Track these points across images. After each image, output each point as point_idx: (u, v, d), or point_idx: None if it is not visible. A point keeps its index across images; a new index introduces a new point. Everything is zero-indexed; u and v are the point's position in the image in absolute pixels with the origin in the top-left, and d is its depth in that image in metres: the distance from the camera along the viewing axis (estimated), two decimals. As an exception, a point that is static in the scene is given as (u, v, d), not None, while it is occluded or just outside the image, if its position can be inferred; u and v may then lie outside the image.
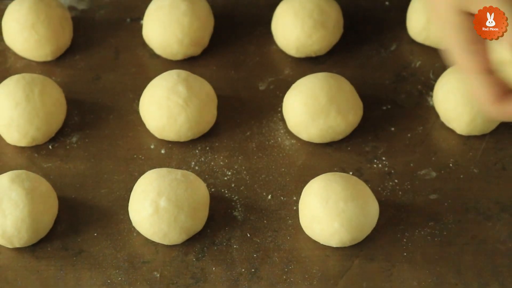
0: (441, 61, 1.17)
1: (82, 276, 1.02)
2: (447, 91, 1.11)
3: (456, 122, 1.11)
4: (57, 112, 1.11)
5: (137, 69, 1.19)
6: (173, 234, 1.02)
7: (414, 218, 1.06)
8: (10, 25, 1.17)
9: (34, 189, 1.03)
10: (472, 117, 1.10)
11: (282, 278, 1.02)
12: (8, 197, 1.02)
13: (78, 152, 1.12)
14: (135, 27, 1.22)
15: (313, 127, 1.10)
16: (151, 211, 1.02)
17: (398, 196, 1.08)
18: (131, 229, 1.05)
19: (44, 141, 1.12)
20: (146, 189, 1.03)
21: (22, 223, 1.01)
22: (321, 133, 1.10)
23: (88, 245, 1.04)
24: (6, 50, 1.20)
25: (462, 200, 1.08)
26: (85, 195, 1.08)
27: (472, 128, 1.11)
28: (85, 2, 1.24)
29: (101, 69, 1.19)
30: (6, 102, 1.09)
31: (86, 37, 1.21)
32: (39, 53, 1.18)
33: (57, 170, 1.10)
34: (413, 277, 1.02)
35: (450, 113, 1.11)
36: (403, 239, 1.05)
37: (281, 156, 1.11)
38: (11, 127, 1.09)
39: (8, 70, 1.18)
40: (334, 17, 1.17)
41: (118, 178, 1.09)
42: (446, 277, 1.02)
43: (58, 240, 1.05)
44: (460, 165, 1.10)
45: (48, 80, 1.12)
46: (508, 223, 1.06)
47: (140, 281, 1.02)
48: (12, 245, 1.03)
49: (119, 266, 1.03)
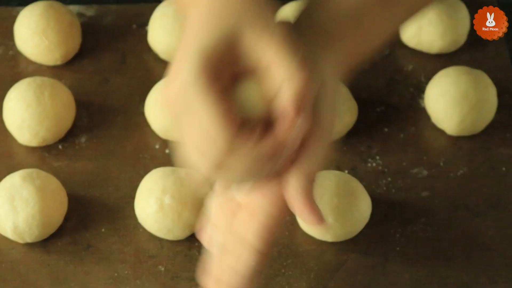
0: (432, 65, 1.18)
1: (90, 270, 1.02)
2: (438, 94, 1.11)
3: (446, 123, 1.12)
4: (66, 113, 1.12)
5: (143, 72, 1.19)
6: (177, 229, 1.03)
7: (407, 214, 1.07)
8: (21, 31, 1.17)
9: (44, 187, 1.03)
10: (461, 119, 1.10)
11: (280, 272, 1.02)
12: (20, 194, 1.02)
13: (87, 152, 1.12)
14: (141, 33, 1.23)
15: (310, 128, 1.10)
16: (156, 208, 1.02)
17: (391, 193, 1.08)
18: (137, 225, 1.06)
19: (54, 141, 1.12)
20: (151, 187, 1.04)
21: (33, 220, 1.02)
22: (318, 134, 1.10)
23: (96, 240, 1.05)
24: (18, 54, 1.20)
25: (452, 197, 1.08)
26: (93, 193, 1.08)
27: (462, 129, 1.11)
28: (93, 9, 1.25)
29: (108, 73, 1.19)
30: (18, 104, 1.10)
31: (94, 42, 1.22)
32: (49, 58, 1.18)
33: (67, 169, 1.10)
34: (406, 270, 1.02)
35: (441, 114, 1.11)
36: (396, 235, 1.05)
37: (280, 156, 1.11)
38: (23, 128, 1.10)
39: (20, 73, 1.18)
40: (330, 24, 1.18)
41: (124, 177, 1.10)
42: (437, 270, 1.02)
43: (67, 235, 1.05)
44: (450, 164, 1.11)
45: (58, 83, 1.13)
46: (496, 219, 1.06)
47: (146, 275, 1.02)
48: (24, 240, 1.03)
49: (125, 260, 1.03)
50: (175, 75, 0.78)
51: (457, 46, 1.19)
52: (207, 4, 0.80)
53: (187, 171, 0.80)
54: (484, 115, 1.11)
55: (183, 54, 0.78)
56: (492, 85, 1.12)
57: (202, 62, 0.76)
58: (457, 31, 1.18)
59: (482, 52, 1.20)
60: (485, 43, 1.20)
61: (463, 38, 1.19)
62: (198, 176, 0.80)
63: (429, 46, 1.18)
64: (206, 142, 0.77)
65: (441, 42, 1.18)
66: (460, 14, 1.18)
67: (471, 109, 1.10)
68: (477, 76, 1.12)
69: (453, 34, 1.17)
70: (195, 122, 0.77)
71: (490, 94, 1.11)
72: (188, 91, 0.76)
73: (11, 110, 1.10)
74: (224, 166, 0.77)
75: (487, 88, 1.11)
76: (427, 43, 1.18)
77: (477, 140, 1.13)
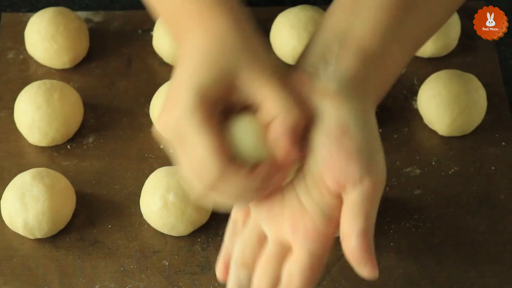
0: (424, 69, 1.19)
1: (97, 264, 1.03)
2: (430, 96, 1.12)
3: (438, 124, 1.12)
4: (74, 115, 1.12)
5: (148, 76, 1.20)
6: (181, 226, 1.04)
7: (400, 211, 1.07)
8: (31, 36, 1.18)
9: (53, 185, 1.04)
10: (452, 120, 1.11)
11: (279, 266, 1.03)
12: (30, 192, 1.03)
13: (94, 152, 1.12)
14: (146, 37, 1.23)
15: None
16: (160, 205, 1.03)
17: (385, 191, 1.04)
18: (142, 222, 1.06)
19: (63, 142, 1.13)
20: (156, 185, 1.04)
21: (43, 216, 1.03)
22: (315, 134, 1.11)
23: (103, 236, 1.05)
24: (28, 58, 1.21)
25: (443, 195, 1.08)
26: (101, 191, 1.09)
27: (453, 129, 1.12)
28: (101, 15, 1.25)
29: (115, 76, 1.19)
30: (28, 106, 1.10)
31: (101, 47, 1.22)
32: (58, 61, 1.19)
33: (75, 168, 1.11)
34: (399, 265, 1.03)
35: (433, 116, 1.12)
36: (390, 231, 1.05)
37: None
38: (33, 129, 1.11)
39: (30, 77, 1.19)
40: (327, 29, 1.18)
41: (130, 175, 1.10)
42: (429, 265, 1.03)
43: (75, 231, 1.06)
44: (442, 163, 1.11)
45: (66, 86, 1.13)
46: (486, 216, 1.07)
47: (151, 269, 1.02)
48: (34, 236, 1.04)
49: (131, 255, 1.04)
50: (171, 108, 0.78)
51: (449, 50, 1.20)
52: (204, 38, 0.79)
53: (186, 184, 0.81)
54: (474, 117, 1.12)
55: (179, 88, 0.78)
56: (482, 87, 1.13)
57: (198, 99, 0.76)
58: (449, 35, 1.18)
59: (472, 56, 1.20)
60: (475, 48, 1.21)
61: (454, 43, 1.20)
62: (195, 193, 0.81)
63: (421, 50, 1.18)
64: (200, 169, 0.77)
65: (433, 46, 1.18)
66: (451, 19, 1.18)
67: (461, 110, 1.11)
68: (468, 79, 1.12)
69: (444, 38, 1.18)
70: (190, 152, 0.78)
71: (480, 97, 1.12)
72: (184, 125, 0.77)
73: (22, 111, 1.11)
74: (217, 189, 0.78)
75: (477, 91, 1.12)
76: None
77: (467, 141, 1.13)
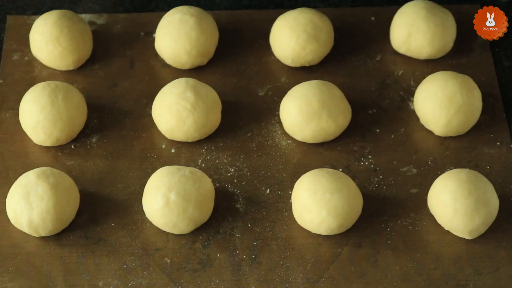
0: (420, 70, 1.19)
1: (101, 262, 1.03)
2: (426, 97, 1.12)
3: (434, 124, 1.12)
4: (78, 115, 1.12)
5: (150, 77, 1.20)
6: (182, 224, 1.03)
7: (397, 210, 1.07)
8: (36, 38, 1.18)
9: (58, 184, 1.04)
10: (448, 120, 1.11)
11: (279, 264, 1.03)
12: (34, 191, 1.03)
13: (97, 151, 1.12)
14: (148, 40, 1.23)
15: (307, 129, 1.10)
16: (162, 203, 1.03)
17: (382, 190, 1.09)
18: (144, 220, 1.06)
19: (67, 141, 1.13)
20: (158, 184, 1.04)
21: (47, 215, 1.03)
22: (314, 134, 1.11)
23: (106, 234, 1.05)
24: (33, 60, 1.21)
25: (439, 194, 1.08)
26: (104, 190, 1.09)
27: (448, 130, 1.12)
28: (104, 17, 1.25)
29: (118, 77, 1.19)
30: (33, 107, 1.10)
31: (105, 49, 1.22)
32: (62, 63, 1.18)
33: (79, 167, 1.11)
34: (396, 262, 1.03)
35: (429, 116, 1.12)
36: (387, 229, 1.05)
37: (278, 155, 1.12)
38: (38, 129, 1.10)
39: (35, 78, 1.19)
40: (325, 31, 1.18)
41: (133, 174, 1.10)
42: (425, 262, 1.03)
43: (79, 229, 1.06)
44: (438, 163, 1.11)
45: (70, 87, 1.13)
46: (481, 214, 1.05)
47: (153, 266, 1.03)
48: (38, 234, 1.04)
49: (134, 253, 1.04)
50: None
51: (444, 52, 1.20)
52: None
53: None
54: (470, 117, 1.11)
55: None
56: (477, 89, 1.13)
57: None
58: (445, 38, 1.18)
59: (467, 58, 1.20)
60: (470, 50, 1.21)
61: (450, 45, 1.19)
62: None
63: (418, 52, 1.18)
64: None
65: (429, 48, 1.18)
66: (447, 22, 1.18)
67: (457, 111, 1.10)
68: (463, 80, 1.12)
69: (440, 41, 1.18)
70: None
71: (475, 98, 1.12)
72: None
73: (27, 112, 1.11)
74: None
75: (473, 92, 1.12)
76: (416, 49, 1.18)
77: (463, 140, 1.13)
